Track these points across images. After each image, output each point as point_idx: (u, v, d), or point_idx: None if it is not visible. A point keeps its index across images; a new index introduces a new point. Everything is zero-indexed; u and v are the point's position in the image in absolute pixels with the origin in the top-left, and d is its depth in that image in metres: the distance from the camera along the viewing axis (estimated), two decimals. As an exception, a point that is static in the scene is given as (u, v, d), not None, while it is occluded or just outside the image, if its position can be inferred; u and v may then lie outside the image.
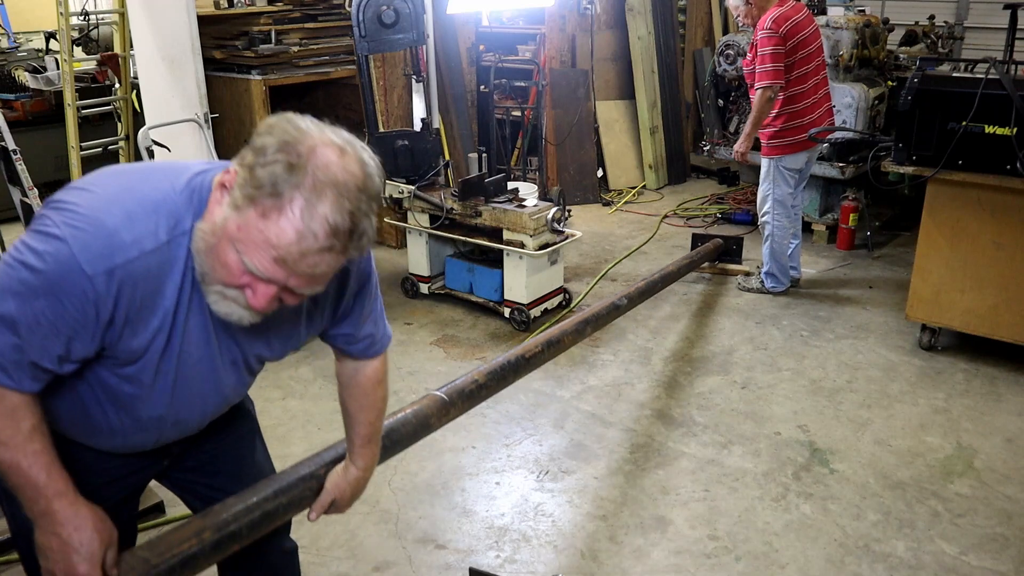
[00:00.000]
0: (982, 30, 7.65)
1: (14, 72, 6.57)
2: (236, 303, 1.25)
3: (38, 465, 1.27)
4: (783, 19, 4.04)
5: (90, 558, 1.31)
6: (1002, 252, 3.55)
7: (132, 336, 1.27)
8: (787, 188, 4.40)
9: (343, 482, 1.65)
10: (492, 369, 2.38)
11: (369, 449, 1.67)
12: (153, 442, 1.51)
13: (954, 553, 2.57)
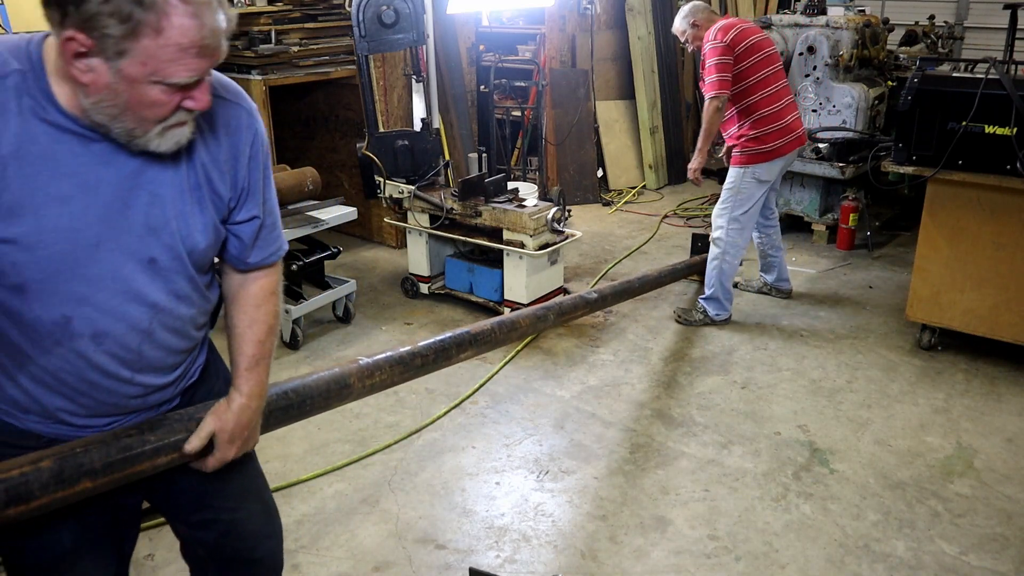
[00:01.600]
0: (982, 30, 7.66)
1: (14, 72, 6.55)
2: (178, 126, 1.24)
3: None
4: (728, 27, 3.92)
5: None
6: (1002, 252, 3.55)
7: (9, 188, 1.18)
8: (749, 204, 4.07)
9: (224, 411, 1.47)
10: (434, 343, 2.26)
11: (255, 374, 1.50)
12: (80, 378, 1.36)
13: (954, 553, 2.57)
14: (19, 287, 1.24)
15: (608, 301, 3.68)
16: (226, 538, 1.63)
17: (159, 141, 1.24)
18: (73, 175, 1.23)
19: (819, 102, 5.24)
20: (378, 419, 3.36)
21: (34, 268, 1.24)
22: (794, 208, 5.56)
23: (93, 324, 1.32)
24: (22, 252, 1.22)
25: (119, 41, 1.13)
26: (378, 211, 5.19)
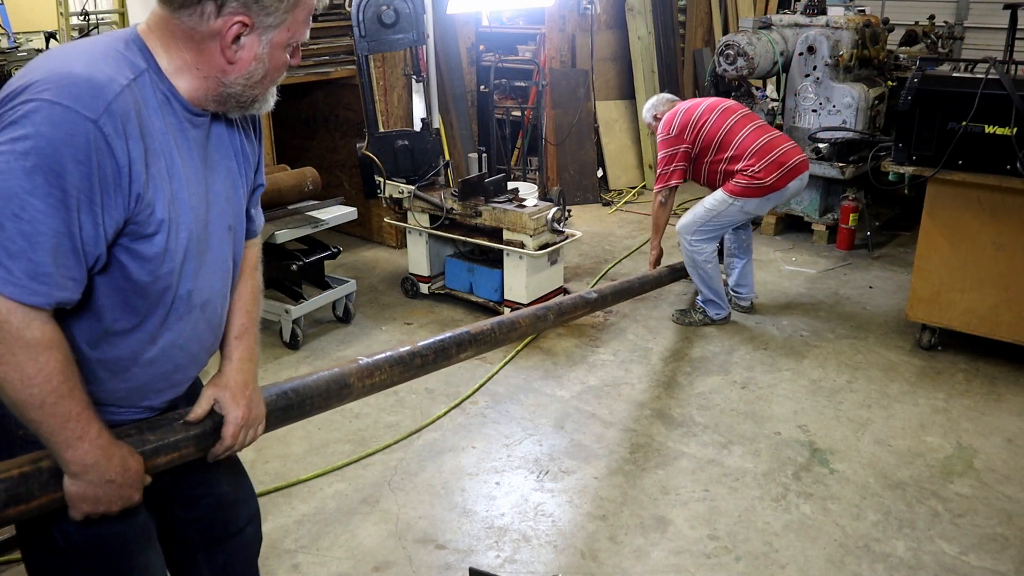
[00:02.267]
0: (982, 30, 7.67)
1: (14, 72, 6.57)
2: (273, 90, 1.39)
3: (76, 410, 1.22)
4: (671, 117, 4.02)
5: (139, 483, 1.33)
6: (1002, 252, 3.55)
7: (149, 187, 1.24)
8: (723, 226, 4.06)
9: (219, 377, 1.52)
10: (434, 342, 2.25)
11: (244, 341, 1.56)
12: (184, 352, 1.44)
13: (954, 553, 2.57)
14: (170, 271, 1.32)
15: (608, 301, 3.68)
16: (217, 512, 1.67)
17: (269, 101, 1.39)
18: (192, 159, 1.34)
19: (819, 102, 5.24)
20: (378, 419, 3.35)
21: (179, 252, 1.32)
22: (794, 208, 5.56)
23: (203, 294, 1.42)
24: (172, 239, 1.30)
25: (281, 15, 1.28)
26: (378, 211, 5.20)
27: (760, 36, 5.23)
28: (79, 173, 1.15)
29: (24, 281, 1.14)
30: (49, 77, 1.16)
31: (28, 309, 1.15)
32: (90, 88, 1.16)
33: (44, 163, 1.12)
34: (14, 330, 1.15)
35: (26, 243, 1.13)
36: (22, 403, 1.18)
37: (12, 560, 2.56)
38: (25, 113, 1.13)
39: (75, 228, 1.17)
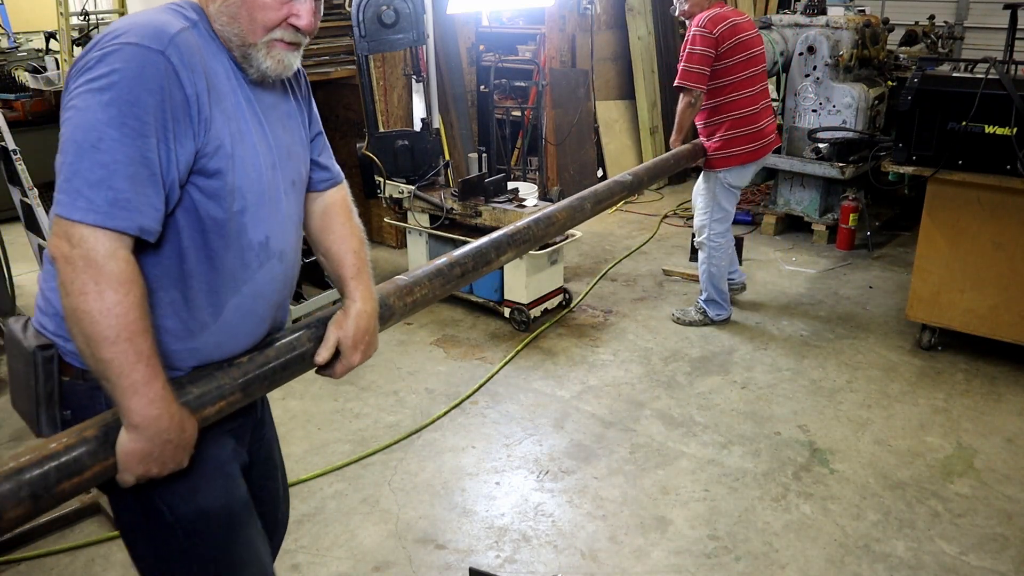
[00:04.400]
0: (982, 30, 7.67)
1: (14, 72, 6.57)
2: (283, 46, 1.37)
3: (148, 352, 1.21)
4: (719, 19, 3.77)
5: (192, 447, 1.31)
6: (1002, 252, 3.55)
7: (214, 121, 1.29)
8: (728, 207, 4.04)
9: (344, 320, 1.52)
10: (472, 249, 2.09)
11: (361, 281, 1.57)
12: (267, 302, 1.46)
13: (954, 553, 2.57)
14: (242, 210, 1.35)
15: (644, 182, 3.40)
16: (271, 505, 1.71)
17: (266, 56, 1.36)
18: (253, 110, 1.38)
19: (819, 102, 5.24)
20: (378, 419, 3.36)
21: (248, 192, 1.35)
22: (794, 208, 5.56)
23: (279, 242, 1.45)
24: (240, 178, 1.33)
25: None
26: (378, 211, 5.20)
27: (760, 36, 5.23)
28: (152, 102, 1.20)
29: (106, 208, 1.17)
30: (114, 30, 1.25)
31: (113, 238, 1.18)
32: (154, 28, 1.24)
33: (119, 95, 1.18)
34: (100, 258, 1.17)
35: (105, 172, 1.17)
36: (97, 337, 1.17)
37: (12, 560, 2.56)
38: (99, 58, 1.21)
39: (151, 154, 1.21)
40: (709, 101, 3.92)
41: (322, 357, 1.50)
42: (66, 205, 1.18)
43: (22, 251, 5.01)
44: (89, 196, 1.17)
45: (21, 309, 4.47)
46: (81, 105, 1.19)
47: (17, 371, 1.37)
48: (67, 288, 1.17)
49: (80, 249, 1.16)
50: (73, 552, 2.61)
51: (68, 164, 1.18)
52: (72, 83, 1.23)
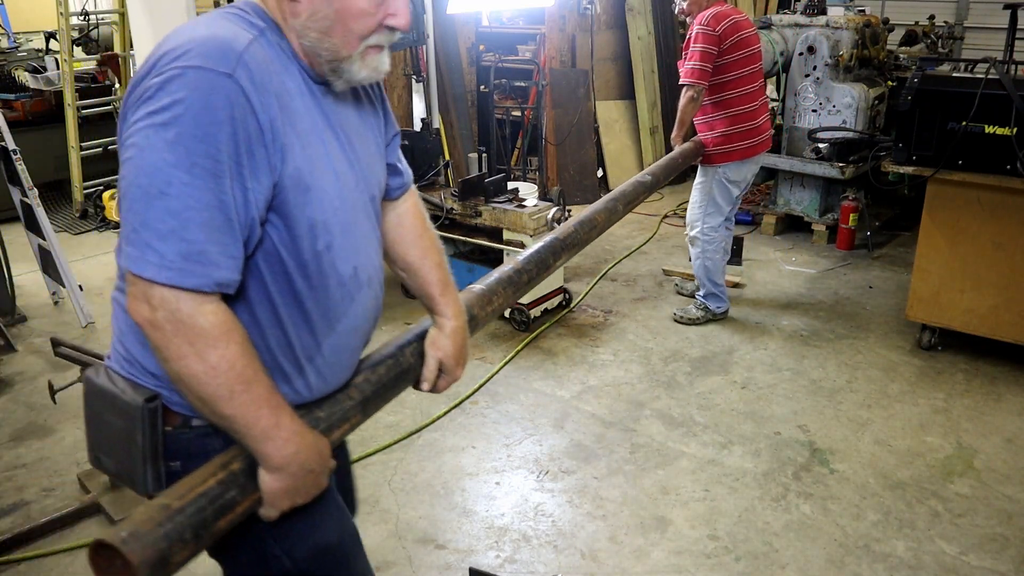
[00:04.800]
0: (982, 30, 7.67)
1: (14, 72, 6.58)
2: (376, 49, 1.23)
3: (267, 394, 1.14)
4: (722, 17, 3.80)
5: (329, 467, 1.26)
6: (1002, 252, 3.55)
7: (290, 149, 1.15)
8: (725, 205, 4.06)
9: (440, 339, 1.47)
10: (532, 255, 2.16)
11: (450, 295, 1.51)
12: (360, 334, 1.37)
13: (954, 553, 2.57)
14: (328, 246, 1.23)
15: (660, 180, 3.47)
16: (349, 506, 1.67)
17: (360, 67, 1.22)
18: (326, 124, 1.25)
19: (819, 102, 5.24)
20: (378, 419, 3.35)
21: (332, 225, 1.23)
22: (794, 208, 5.56)
23: (367, 269, 1.34)
24: (322, 211, 1.20)
25: None
26: None
27: (760, 36, 5.23)
28: (223, 136, 1.06)
29: (179, 263, 1.05)
30: (174, 49, 1.10)
31: (195, 294, 1.07)
32: (218, 45, 1.09)
33: (185, 131, 1.04)
34: (186, 318, 1.07)
35: (176, 221, 1.04)
36: (211, 397, 1.10)
37: (12, 560, 2.56)
38: (159, 85, 1.07)
39: (226, 197, 1.07)
40: (709, 97, 3.94)
41: (429, 384, 1.48)
42: (136, 260, 1.06)
43: (22, 251, 5.01)
44: (160, 250, 1.05)
45: (21, 309, 4.47)
46: (143, 143, 1.05)
47: (111, 427, 1.24)
48: (164, 354, 1.09)
49: (163, 311, 1.06)
50: (73, 552, 2.61)
51: (134, 212, 1.05)
52: (130, 115, 1.09)
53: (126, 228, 1.07)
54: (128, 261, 1.07)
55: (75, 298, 4.23)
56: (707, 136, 3.99)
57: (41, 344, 4.10)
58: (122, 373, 1.25)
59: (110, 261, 5.36)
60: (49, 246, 4.22)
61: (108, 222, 6.05)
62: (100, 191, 6.19)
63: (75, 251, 5.49)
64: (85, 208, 6.21)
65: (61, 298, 4.62)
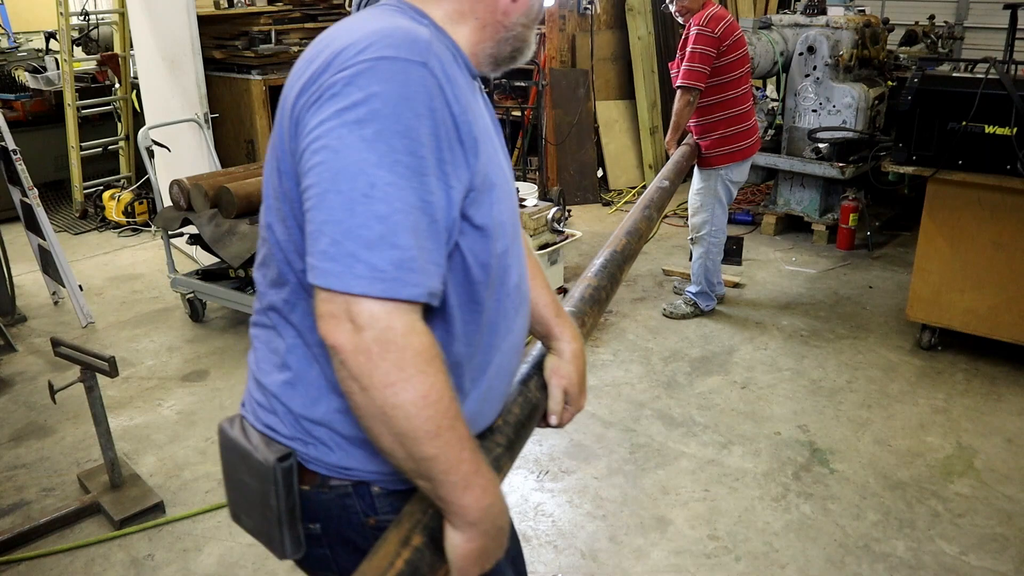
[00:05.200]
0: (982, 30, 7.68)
1: (14, 72, 6.58)
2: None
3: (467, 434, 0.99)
4: (719, 18, 3.80)
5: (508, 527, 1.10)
6: (1002, 252, 3.55)
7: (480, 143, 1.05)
8: (726, 203, 4.13)
9: (563, 366, 1.33)
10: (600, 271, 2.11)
11: (564, 317, 1.38)
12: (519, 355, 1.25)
13: (954, 553, 2.57)
14: (505, 250, 1.12)
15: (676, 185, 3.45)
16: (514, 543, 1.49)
17: (533, 46, 1.20)
18: (492, 119, 1.19)
19: (819, 102, 5.24)
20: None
21: (508, 225, 1.14)
22: (794, 208, 5.56)
23: (525, 279, 1.23)
24: (502, 210, 1.11)
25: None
26: None
27: (760, 36, 5.23)
28: (424, 129, 0.96)
29: (392, 272, 0.92)
30: (353, 43, 0.98)
31: (407, 308, 0.94)
32: (404, 34, 0.99)
33: (384, 127, 0.94)
34: (400, 338, 0.93)
35: (384, 227, 0.92)
36: (414, 434, 0.94)
37: (12, 560, 2.56)
38: (347, 80, 0.95)
39: (431, 197, 0.96)
40: (706, 99, 3.94)
41: (558, 417, 1.32)
42: (339, 274, 0.92)
43: (22, 251, 5.01)
44: (370, 260, 0.91)
45: (21, 309, 4.48)
46: (337, 145, 0.93)
47: (245, 485, 1.14)
48: (363, 383, 0.93)
49: (373, 331, 0.92)
50: (73, 552, 2.61)
51: (334, 222, 0.93)
52: (311, 118, 0.97)
53: (321, 242, 0.93)
54: (328, 278, 0.93)
55: (75, 298, 4.23)
56: (706, 139, 3.99)
57: (41, 344, 4.10)
58: (256, 426, 1.13)
59: (110, 261, 5.36)
60: (49, 246, 4.22)
61: (108, 222, 6.06)
62: (100, 191, 6.19)
63: (75, 251, 5.49)
64: (85, 208, 6.21)
65: (61, 298, 4.62)
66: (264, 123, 4.79)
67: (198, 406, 3.50)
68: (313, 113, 0.97)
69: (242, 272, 4.04)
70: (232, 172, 4.24)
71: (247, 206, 3.90)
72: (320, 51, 1.02)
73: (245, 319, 4.36)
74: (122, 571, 2.53)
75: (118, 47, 6.30)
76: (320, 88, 0.97)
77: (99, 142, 6.30)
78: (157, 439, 3.26)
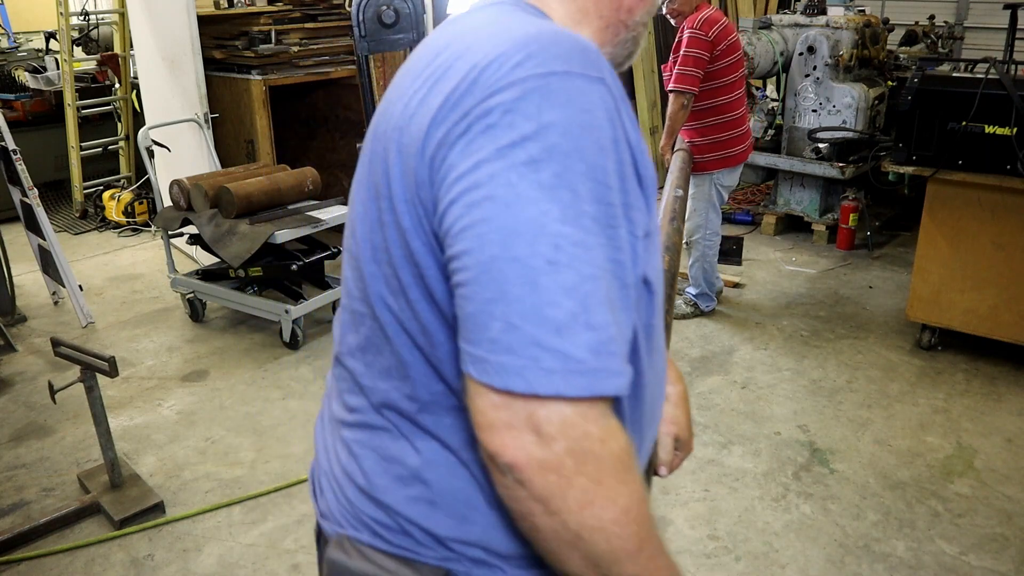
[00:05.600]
0: (982, 30, 7.67)
1: (14, 72, 6.58)
2: None
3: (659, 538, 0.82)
4: (713, 21, 3.77)
5: None
6: (1002, 252, 3.55)
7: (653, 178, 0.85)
8: (718, 207, 4.16)
9: (671, 409, 1.18)
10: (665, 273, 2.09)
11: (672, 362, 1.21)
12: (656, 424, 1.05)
13: (954, 553, 2.57)
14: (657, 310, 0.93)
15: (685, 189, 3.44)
16: None
17: (639, 52, 1.04)
18: None
19: (819, 102, 5.24)
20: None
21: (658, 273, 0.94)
22: (794, 208, 5.56)
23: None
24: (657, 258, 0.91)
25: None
26: (378, 211, 5.18)
27: (760, 36, 5.23)
28: (609, 167, 0.75)
29: (590, 361, 0.71)
30: (504, 52, 0.76)
31: (604, 406, 0.74)
32: (571, 41, 0.78)
33: (565, 167, 0.72)
34: (598, 446, 0.73)
35: (574, 302, 0.71)
36: (614, 555, 0.76)
37: (12, 560, 2.56)
38: (509, 105, 0.73)
39: (619, 255, 0.76)
40: (699, 103, 3.93)
41: (669, 465, 1.16)
42: (519, 371, 0.70)
43: (22, 251, 5.01)
44: (561, 348, 0.70)
45: (21, 309, 4.47)
46: (504, 194, 0.71)
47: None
48: (552, 505, 0.74)
49: (566, 441, 0.71)
50: (73, 552, 2.61)
51: (510, 300, 0.70)
52: (458, 158, 0.74)
53: (491, 327, 0.71)
54: (504, 375, 0.71)
55: (75, 298, 4.23)
56: (699, 142, 3.98)
57: (41, 344, 4.10)
58: (387, 549, 0.90)
59: (110, 261, 5.36)
60: (49, 246, 4.22)
61: (108, 222, 6.06)
62: (100, 191, 6.19)
63: (75, 251, 5.49)
64: (85, 208, 6.21)
65: (61, 298, 4.62)
66: (264, 123, 4.79)
67: (198, 406, 3.50)
68: (461, 151, 0.74)
69: (242, 272, 4.04)
70: (232, 172, 4.24)
71: (247, 206, 3.90)
72: (446, 64, 0.80)
73: (245, 319, 4.36)
74: (122, 571, 2.53)
75: (118, 47, 6.30)
76: (468, 116, 0.75)
77: (99, 142, 6.30)
78: (157, 439, 3.26)
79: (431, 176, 0.77)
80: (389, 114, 0.85)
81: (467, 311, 0.73)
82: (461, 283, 0.74)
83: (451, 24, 0.89)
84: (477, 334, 0.73)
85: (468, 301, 0.73)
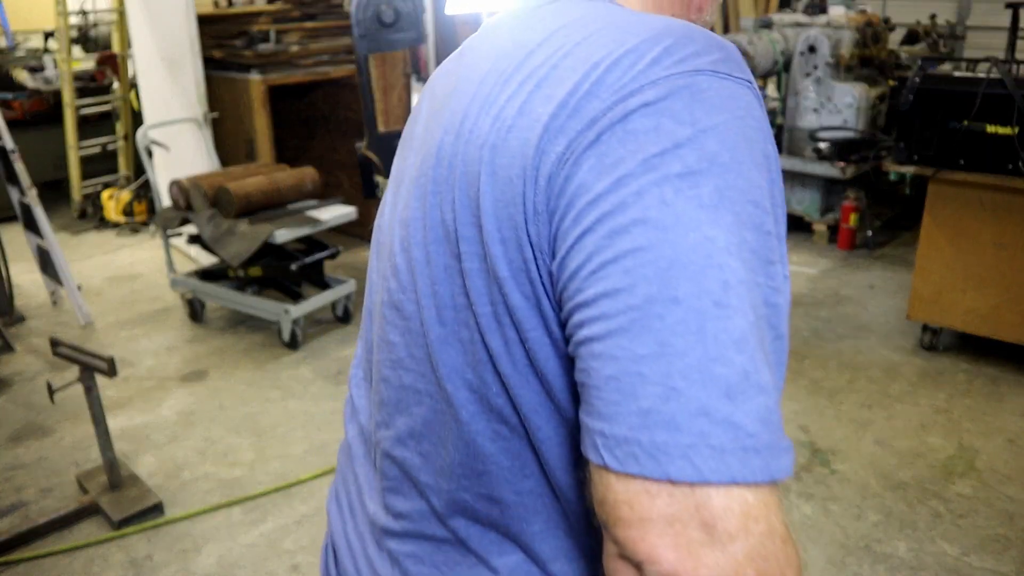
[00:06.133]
0: (984, 29, 7.66)
1: (12, 71, 6.56)
2: None
3: None
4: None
5: None
6: (1003, 252, 3.54)
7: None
8: None
9: None
10: None
11: None
12: None
13: (956, 554, 2.56)
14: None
15: None
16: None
17: None
18: None
19: (820, 101, 5.23)
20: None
21: None
22: (795, 208, 5.55)
23: None
24: None
25: None
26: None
27: (761, 35, 5.22)
28: (764, 184, 0.60)
29: (763, 435, 0.53)
30: (634, 48, 0.61)
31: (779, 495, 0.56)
32: (709, 36, 0.64)
33: (725, 181, 0.57)
34: (781, 540, 0.53)
35: (745, 357, 0.54)
36: None
37: (12, 560, 2.55)
38: (654, 107, 0.58)
39: (777, 296, 0.59)
40: None
41: None
42: (683, 452, 0.52)
43: (21, 251, 5.00)
44: (733, 419, 0.52)
45: (19, 309, 4.46)
46: (658, 216, 0.55)
47: None
48: None
49: (745, 541, 0.51)
50: (72, 553, 2.60)
51: (670, 356, 0.53)
52: (590, 177, 0.58)
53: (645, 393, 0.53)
54: (659, 458, 0.52)
55: (74, 298, 4.23)
56: None
57: (40, 344, 4.09)
58: None
59: (109, 261, 5.35)
60: (48, 246, 4.21)
61: (107, 222, 6.05)
62: (99, 191, 6.18)
63: (74, 251, 5.48)
64: (84, 208, 6.20)
65: (60, 298, 4.61)
66: (263, 123, 4.78)
67: (197, 406, 3.50)
68: (593, 167, 0.58)
69: (241, 272, 4.03)
70: (232, 172, 4.24)
71: (246, 206, 3.89)
72: (550, 63, 0.64)
73: (245, 319, 4.35)
74: (121, 572, 2.52)
75: (117, 46, 6.29)
76: (596, 124, 0.59)
77: (98, 141, 6.30)
78: (156, 439, 3.25)
79: (548, 202, 0.60)
80: (464, 129, 0.67)
81: (604, 375, 0.54)
82: (596, 338, 0.55)
83: (530, 18, 0.71)
84: (618, 406, 0.53)
85: (607, 362, 0.54)
